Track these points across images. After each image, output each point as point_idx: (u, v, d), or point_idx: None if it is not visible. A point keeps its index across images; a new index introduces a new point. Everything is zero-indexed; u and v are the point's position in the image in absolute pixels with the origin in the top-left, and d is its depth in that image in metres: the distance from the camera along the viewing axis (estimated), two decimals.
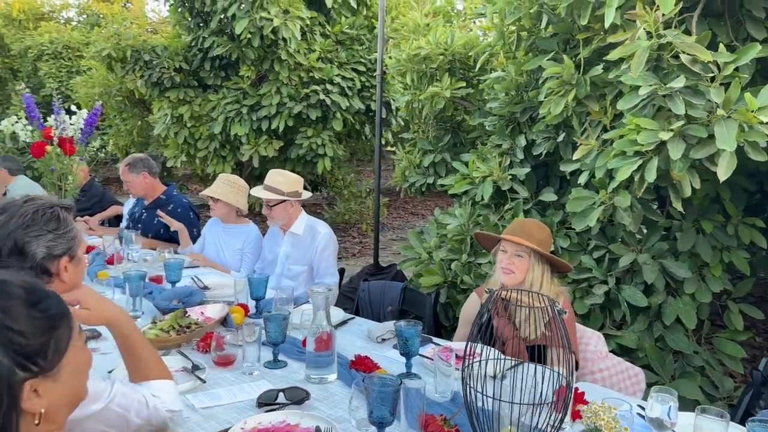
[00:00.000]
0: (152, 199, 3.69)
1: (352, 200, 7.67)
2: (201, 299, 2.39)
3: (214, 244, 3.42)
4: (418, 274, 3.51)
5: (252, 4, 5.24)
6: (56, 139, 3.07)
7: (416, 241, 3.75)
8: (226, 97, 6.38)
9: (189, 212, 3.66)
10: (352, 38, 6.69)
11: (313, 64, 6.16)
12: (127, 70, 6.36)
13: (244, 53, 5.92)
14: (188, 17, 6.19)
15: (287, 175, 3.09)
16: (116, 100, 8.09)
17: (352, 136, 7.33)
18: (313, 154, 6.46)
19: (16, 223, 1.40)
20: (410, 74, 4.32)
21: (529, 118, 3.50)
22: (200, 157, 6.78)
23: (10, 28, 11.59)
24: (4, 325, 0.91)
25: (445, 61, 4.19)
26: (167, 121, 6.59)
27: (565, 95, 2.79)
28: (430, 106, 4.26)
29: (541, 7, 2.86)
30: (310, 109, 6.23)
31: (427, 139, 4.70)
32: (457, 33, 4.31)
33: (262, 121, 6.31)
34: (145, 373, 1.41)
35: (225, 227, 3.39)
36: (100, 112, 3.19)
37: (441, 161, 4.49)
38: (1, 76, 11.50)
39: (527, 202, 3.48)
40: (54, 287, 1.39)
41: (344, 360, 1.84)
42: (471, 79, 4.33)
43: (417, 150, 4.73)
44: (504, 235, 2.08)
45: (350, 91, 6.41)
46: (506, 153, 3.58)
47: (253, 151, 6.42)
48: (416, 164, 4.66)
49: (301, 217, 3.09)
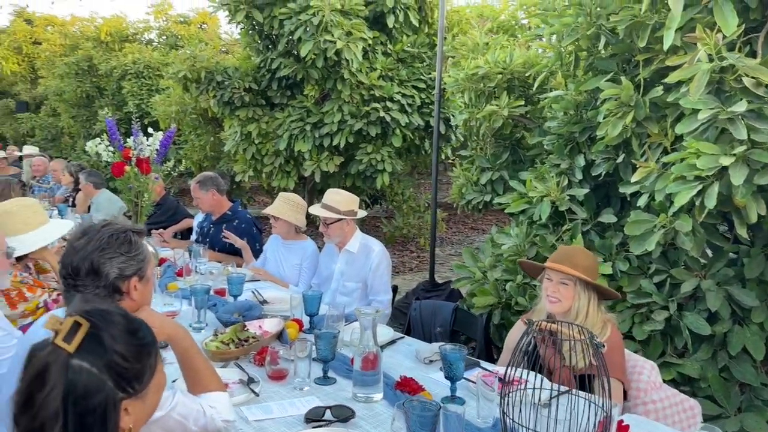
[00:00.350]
0: (219, 214, 3.91)
1: (411, 215, 7.73)
2: (260, 313, 2.52)
3: (274, 259, 3.58)
4: (472, 294, 3.51)
5: (317, 28, 5.45)
6: (134, 159, 3.32)
7: (471, 259, 3.76)
8: (291, 115, 6.63)
9: (252, 227, 3.85)
10: (413, 56, 6.79)
11: (374, 82, 6.30)
12: (201, 90, 6.75)
13: (308, 73, 6.15)
14: (258, 40, 6.51)
15: (344, 195, 3.20)
16: (191, 118, 8.58)
17: (411, 151, 7.42)
18: (372, 169, 6.58)
19: (93, 246, 1.56)
20: (468, 93, 4.35)
21: (588, 138, 3.45)
22: (266, 172, 7.07)
23: (98, 49, 12.53)
24: (114, 349, 1.02)
25: (504, 79, 4.19)
26: (237, 138, 6.92)
27: (624, 117, 2.74)
28: (487, 124, 4.27)
29: (599, 29, 2.84)
30: (370, 126, 6.37)
31: (485, 156, 4.69)
32: (516, 51, 4.30)
33: (324, 138, 6.50)
34: (202, 384, 1.53)
35: (285, 243, 3.54)
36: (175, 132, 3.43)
37: (499, 179, 4.47)
38: (89, 93, 12.43)
39: (586, 223, 3.42)
40: (124, 305, 1.55)
41: (390, 380, 1.89)
42: (530, 97, 4.31)
43: (475, 167, 4.74)
44: (549, 263, 2.08)
45: (410, 107, 6.50)
46: (565, 173, 3.53)
47: (315, 166, 6.62)
48: (474, 181, 4.66)
49: (356, 236, 3.19)
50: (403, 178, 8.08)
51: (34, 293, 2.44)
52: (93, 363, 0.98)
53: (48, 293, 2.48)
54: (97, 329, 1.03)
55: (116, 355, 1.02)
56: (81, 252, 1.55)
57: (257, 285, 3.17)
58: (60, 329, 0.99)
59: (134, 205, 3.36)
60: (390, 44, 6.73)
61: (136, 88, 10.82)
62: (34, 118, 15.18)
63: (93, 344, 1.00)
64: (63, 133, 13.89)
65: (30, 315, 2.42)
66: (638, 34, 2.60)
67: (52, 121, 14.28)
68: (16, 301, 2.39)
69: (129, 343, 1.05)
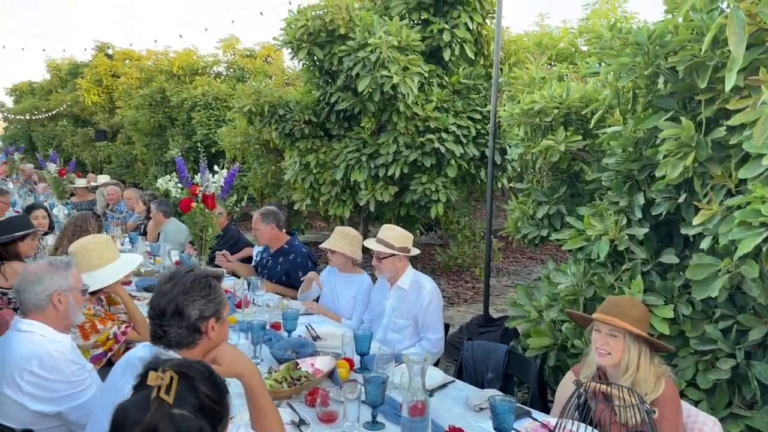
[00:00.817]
0: (276, 247, 4.05)
1: (466, 243, 7.68)
2: (312, 351, 2.58)
3: (329, 290, 3.66)
4: (527, 334, 3.45)
5: (374, 64, 5.60)
6: (200, 195, 3.51)
7: (526, 297, 3.70)
8: (347, 146, 6.79)
9: (307, 261, 3.96)
10: (469, 87, 6.83)
11: (429, 113, 6.37)
12: (264, 123, 7.04)
13: (365, 106, 6.30)
14: (318, 75, 6.75)
15: (398, 231, 3.25)
16: (254, 148, 8.95)
17: (467, 180, 7.41)
18: (427, 199, 6.61)
19: (178, 290, 1.72)
20: (524, 127, 4.33)
21: (648, 175, 3.35)
22: (323, 201, 7.24)
23: (170, 82, 13.31)
24: (204, 393, 1.14)
25: (560, 114, 4.15)
26: (296, 168, 7.15)
27: (685, 157, 2.66)
28: (544, 158, 4.23)
29: (658, 68, 2.78)
30: (425, 157, 6.42)
31: (541, 189, 4.63)
32: (573, 85, 4.26)
33: (380, 168, 6.61)
34: (265, 424, 1.61)
35: (341, 276, 3.62)
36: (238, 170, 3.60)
37: (556, 213, 4.40)
38: (161, 123, 13.20)
39: (646, 263, 3.30)
40: (202, 344, 1.71)
41: (439, 428, 1.90)
42: (588, 131, 4.24)
43: (531, 200, 4.68)
44: (597, 314, 2.03)
45: (465, 138, 6.52)
46: (624, 211, 3.44)
47: (370, 195, 6.72)
48: (530, 215, 4.60)
49: (407, 272, 3.22)
50: (458, 206, 8.06)
51: (105, 325, 2.61)
52: (191, 410, 1.11)
53: (117, 325, 2.65)
54: (187, 378, 1.15)
55: (206, 398, 1.14)
56: (168, 295, 1.72)
57: (310, 319, 3.25)
58: (161, 384, 1.11)
59: (199, 239, 3.54)
60: (446, 76, 6.80)
61: (204, 118, 11.39)
62: (110, 146, 16.23)
63: (186, 392, 1.12)
64: (136, 159, 14.76)
65: (101, 346, 2.59)
66: (699, 74, 2.54)
67: (126, 149, 15.22)
68: (89, 333, 2.56)
69: (212, 386, 1.17)
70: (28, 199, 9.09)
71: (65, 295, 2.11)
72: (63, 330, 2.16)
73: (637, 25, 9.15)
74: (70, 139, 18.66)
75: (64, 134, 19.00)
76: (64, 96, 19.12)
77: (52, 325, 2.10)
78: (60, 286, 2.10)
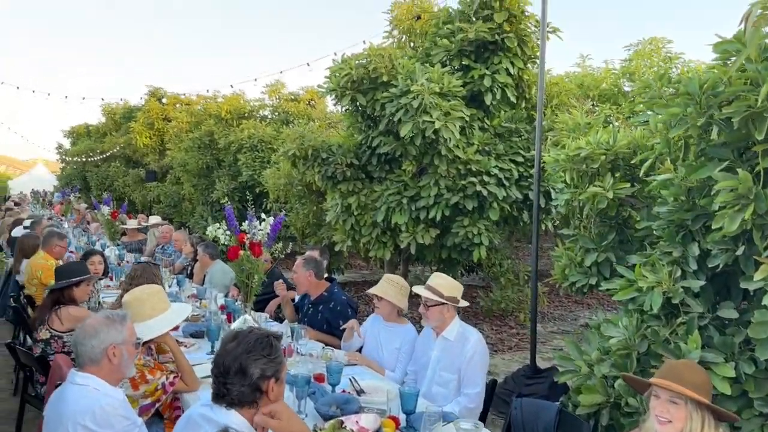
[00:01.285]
0: (316, 295, 4.07)
1: (510, 287, 7.54)
2: (357, 407, 2.55)
3: (373, 340, 3.63)
4: (578, 390, 3.32)
5: (416, 110, 5.68)
6: (248, 243, 3.58)
7: (575, 351, 3.57)
8: (388, 189, 6.84)
9: (347, 309, 3.95)
10: (511, 131, 6.83)
11: (470, 156, 6.38)
12: (308, 165, 7.20)
13: (406, 150, 6.36)
14: (360, 120, 6.89)
15: (448, 280, 3.23)
16: (297, 189, 9.13)
17: (509, 222, 7.33)
18: (469, 242, 6.56)
19: (242, 349, 1.77)
20: (570, 173, 4.27)
21: (702, 225, 3.24)
22: (364, 242, 7.27)
23: (219, 125, 13.83)
24: None
25: (607, 160, 4.09)
26: (337, 209, 7.23)
27: (743, 210, 2.56)
28: (591, 205, 4.15)
29: (711, 118, 2.72)
30: (467, 200, 6.40)
31: (589, 236, 4.53)
32: (620, 132, 4.20)
33: (421, 211, 6.61)
34: None
35: (386, 325, 3.59)
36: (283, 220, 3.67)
37: (605, 261, 4.28)
38: (209, 164, 13.65)
39: (703, 317, 3.15)
40: (262, 403, 1.75)
41: None
42: (636, 177, 4.15)
43: (578, 247, 4.58)
44: (656, 379, 1.93)
45: (507, 181, 6.48)
46: (677, 262, 3.31)
47: (411, 238, 6.71)
48: (577, 262, 4.49)
49: (454, 323, 3.17)
50: (500, 247, 7.95)
51: (154, 375, 2.65)
52: None
53: (165, 376, 2.69)
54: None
55: None
56: (232, 354, 1.77)
57: (354, 370, 3.21)
58: None
59: (245, 286, 3.59)
60: (487, 120, 6.83)
61: (250, 160, 11.73)
62: (159, 186, 16.85)
63: None
64: (184, 199, 15.26)
65: (149, 396, 2.63)
66: (755, 125, 2.47)
67: (175, 189, 15.77)
68: (138, 383, 2.60)
69: None
70: (81, 239, 9.48)
71: (120, 348, 2.16)
72: (115, 383, 2.20)
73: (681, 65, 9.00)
74: (122, 179, 19.52)
75: (117, 175, 19.89)
76: (118, 138, 20.11)
77: (105, 378, 2.14)
78: (115, 340, 2.15)
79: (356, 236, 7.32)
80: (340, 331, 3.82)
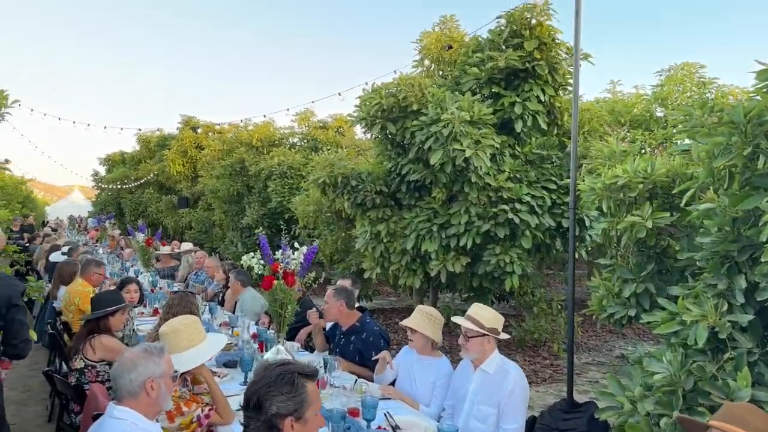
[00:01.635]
0: (348, 325, 4.03)
1: (543, 316, 7.37)
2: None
3: (406, 373, 3.56)
4: (621, 428, 3.19)
5: (446, 138, 5.68)
6: (281, 272, 3.58)
7: (617, 386, 3.44)
8: (418, 216, 6.82)
9: (380, 340, 3.90)
10: (543, 157, 6.77)
11: (501, 184, 6.33)
12: (337, 193, 7.23)
13: (436, 177, 6.35)
14: (390, 148, 6.92)
15: (489, 311, 3.18)
16: (326, 216, 9.17)
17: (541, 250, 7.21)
18: (501, 270, 6.46)
19: (263, 382, 1.72)
20: (606, 202, 4.19)
21: (749, 257, 3.12)
22: (393, 270, 7.22)
23: (250, 153, 14.07)
24: None
25: (645, 189, 4.00)
26: (367, 237, 7.22)
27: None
28: (629, 234, 4.05)
29: (757, 147, 2.64)
30: (498, 228, 6.32)
31: (627, 266, 4.41)
32: (658, 159, 4.12)
33: (451, 239, 6.56)
34: None
35: (419, 358, 3.52)
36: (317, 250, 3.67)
37: (644, 291, 4.16)
38: (239, 191, 13.87)
39: (752, 353, 3.01)
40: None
41: None
42: (675, 205, 4.05)
43: (615, 277, 4.46)
44: (717, 422, 1.84)
45: (540, 208, 6.40)
46: (723, 295, 3.19)
47: (441, 266, 6.65)
48: (615, 293, 4.37)
49: (493, 356, 3.10)
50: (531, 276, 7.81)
51: (190, 408, 2.64)
52: None
53: (201, 408, 2.67)
54: None
55: None
56: (254, 386, 1.73)
57: (388, 404, 3.15)
58: None
59: (278, 315, 3.58)
60: (518, 147, 6.79)
61: (279, 187, 11.87)
62: (191, 212, 17.16)
63: None
64: (214, 225, 15.48)
65: (185, 429, 2.61)
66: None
67: (206, 215, 16.03)
68: (174, 415, 2.60)
69: None
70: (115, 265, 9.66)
71: (158, 381, 2.16)
72: (153, 416, 2.19)
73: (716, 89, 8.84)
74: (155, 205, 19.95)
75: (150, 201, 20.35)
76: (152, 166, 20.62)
77: (143, 411, 2.14)
78: (153, 373, 2.15)
79: (385, 263, 7.29)
80: (372, 362, 3.77)
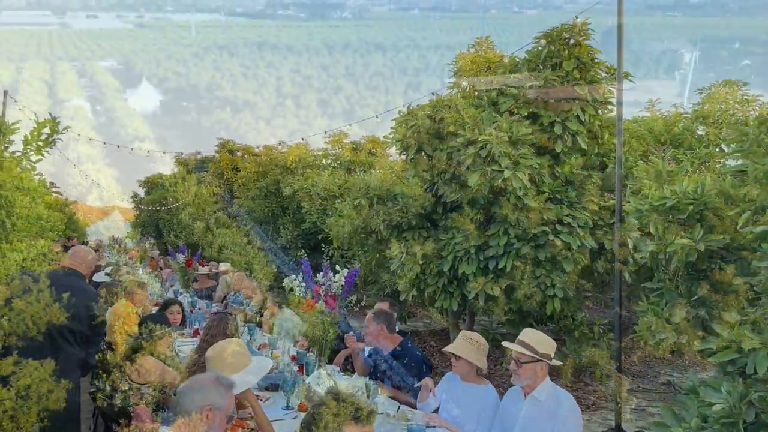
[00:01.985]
0: (389, 350, 3.98)
1: (584, 341, 7.15)
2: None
3: (451, 400, 3.48)
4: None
5: (484, 159, 5.64)
6: (323, 295, 3.57)
7: (672, 418, 3.29)
8: (455, 237, 6.74)
9: (422, 365, 3.84)
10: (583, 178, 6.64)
11: (541, 205, 6.22)
12: (372, 214, 7.23)
13: (474, 198, 6.29)
14: (425, 169, 6.89)
15: (541, 336, 3.11)
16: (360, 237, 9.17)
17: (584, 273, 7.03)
18: (541, 294, 6.31)
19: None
20: (654, 224, 4.07)
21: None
22: (429, 293, 7.14)
23: (285, 175, 14.27)
24: None
25: (695, 210, 3.88)
26: (402, 258, 7.17)
27: None
28: (679, 257, 3.92)
29: None
30: (539, 250, 6.20)
31: (676, 290, 4.26)
32: (707, 179, 3.99)
33: (489, 261, 6.45)
34: None
35: (464, 385, 3.44)
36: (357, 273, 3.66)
37: (696, 317, 4.01)
38: (274, 211, 14.05)
39: None
40: None
41: None
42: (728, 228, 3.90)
43: (664, 302, 4.31)
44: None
45: (581, 230, 6.25)
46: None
47: (479, 289, 6.54)
48: (665, 318, 4.22)
49: (545, 383, 3.02)
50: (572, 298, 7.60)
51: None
52: None
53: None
54: None
55: None
56: None
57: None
58: None
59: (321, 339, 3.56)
60: (557, 167, 6.68)
61: (312, 208, 11.97)
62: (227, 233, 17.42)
63: None
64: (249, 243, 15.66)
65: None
66: None
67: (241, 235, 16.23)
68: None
69: None
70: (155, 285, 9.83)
71: (215, 413, 2.16)
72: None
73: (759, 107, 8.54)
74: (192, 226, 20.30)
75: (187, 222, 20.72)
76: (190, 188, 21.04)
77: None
78: (215, 403, 2.16)
79: (421, 285, 7.21)
80: (414, 388, 3.70)
